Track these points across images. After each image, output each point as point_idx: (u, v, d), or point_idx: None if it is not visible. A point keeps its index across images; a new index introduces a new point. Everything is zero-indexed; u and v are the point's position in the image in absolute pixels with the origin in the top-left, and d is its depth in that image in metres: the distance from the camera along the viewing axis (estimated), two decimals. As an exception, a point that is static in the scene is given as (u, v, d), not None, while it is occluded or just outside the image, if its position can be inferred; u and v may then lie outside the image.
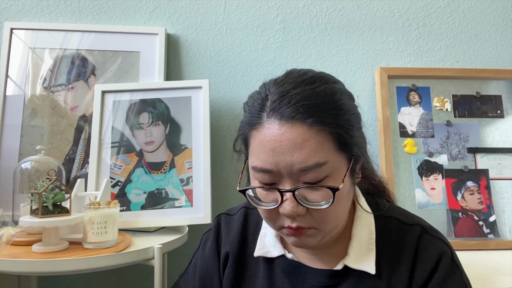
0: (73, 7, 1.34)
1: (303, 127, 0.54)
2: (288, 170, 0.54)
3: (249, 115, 0.59)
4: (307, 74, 0.60)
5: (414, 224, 0.66)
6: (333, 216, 0.58)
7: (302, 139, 0.54)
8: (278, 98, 0.56)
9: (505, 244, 1.19)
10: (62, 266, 0.81)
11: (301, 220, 0.57)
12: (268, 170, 0.55)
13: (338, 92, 0.58)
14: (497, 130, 1.30)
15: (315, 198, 0.56)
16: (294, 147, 0.54)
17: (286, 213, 0.56)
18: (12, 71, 1.25)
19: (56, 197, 0.90)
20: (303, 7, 1.38)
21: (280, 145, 0.54)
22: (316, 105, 0.55)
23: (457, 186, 1.24)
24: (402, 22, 1.39)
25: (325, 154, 0.55)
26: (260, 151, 0.56)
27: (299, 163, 0.54)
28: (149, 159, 1.17)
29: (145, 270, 1.24)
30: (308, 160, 0.54)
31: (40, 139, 1.22)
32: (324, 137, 0.54)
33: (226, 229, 0.76)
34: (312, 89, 0.56)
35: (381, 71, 1.31)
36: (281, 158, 0.54)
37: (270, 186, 0.57)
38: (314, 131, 0.54)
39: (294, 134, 0.54)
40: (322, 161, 0.54)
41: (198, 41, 1.36)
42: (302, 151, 0.53)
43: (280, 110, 0.55)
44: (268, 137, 0.55)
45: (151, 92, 1.21)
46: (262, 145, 0.56)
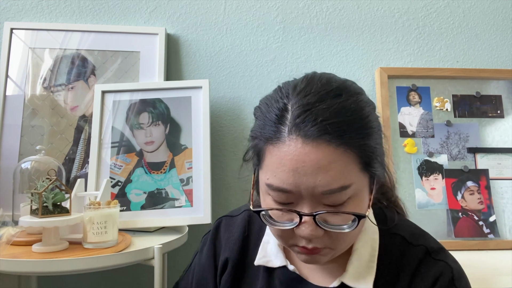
0: (73, 7, 1.34)
1: (329, 148, 0.49)
2: (309, 192, 0.50)
3: (264, 125, 0.54)
4: (331, 83, 0.54)
5: (419, 245, 0.62)
6: (352, 236, 0.55)
7: (327, 161, 0.49)
8: (302, 112, 0.50)
9: (505, 244, 1.19)
10: (62, 266, 0.81)
11: (317, 241, 0.53)
12: (287, 190, 0.51)
13: (366, 106, 0.54)
14: (497, 130, 1.30)
15: (336, 221, 0.52)
16: (318, 169, 0.49)
17: (304, 236, 0.52)
18: (12, 71, 1.25)
19: (56, 197, 0.90)
20: (303, 7, 1.38)
21: (303, 166, 0.49)
22: (345, 124, 0.50)
23: (457, 186, 1.25)
24: (402, 22, 1.39)
25: (350, 176, 0.51)
26: (278, 169, 0.51)
27: (323, 186, 0.49)
28: (149, 159, 1.17)
29: (145, 270, 1.24)
30: (333, 183, 0.50)
31: (40, 139, 1.22)
32: (350, 158, 0.50)
33: (227, 233, 0.73)
34: (340, 103, 0.51)
35: (381, 71, 1.31)
36: (303, 179, 0.50)
37: (287, 208, 0.53)
38: (340, 152, 0.50)
39: (319, 155, 0.49)
40: (347, 184, 0.50)
41: (198, 41, 1.36)
42: (327, 173, 0.49)
43: (304, 127, 0.49)
44: (290, 156, 0.50)
45: (151, 92, 1.21)
46: (282, 163, 0.51)
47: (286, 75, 1.35)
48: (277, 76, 1.34)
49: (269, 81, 1.34)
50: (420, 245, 0.61)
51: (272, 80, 1.34)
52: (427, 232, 0.66)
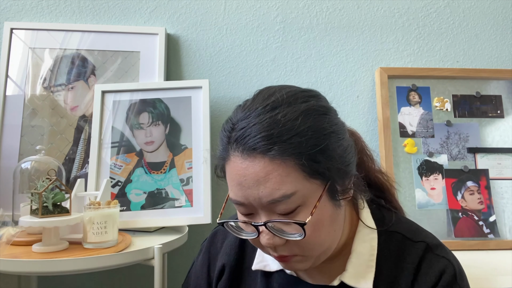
0: (73, 7, 1.34)
1: (264, 160, 0.52)
2: (257, 202, 0.53)
3: (220, 145, 0.58)
4: (272, 97, 0.56)
5: (419, 241, 0.62)
6: (315, 244, 0.55)
7: (264, 173, 0.52)
8: (240, 130, 0.54)
9: (505, 244, 1.19)
10: (62, 266, 0.81)
11: (282, 249, 0.55)
12: (241, 202, 0.55)
13: (303, 115, 0.54)
14: (497, 130, 1.30)
15: (289, 230, 0.54)
16: (257, 181, 0.52)
17: (264, 245, 0.55)
18: (12, 71, 1.25)
19: (56, 197, 0.90)
20: (303, 7, 1.38)
21: (245, 179, 0.53)
22: (276, 136, 0.51)
23: (457, 186, 1.24)
24: (402, 22, 1.39)
25: (292, 184, 0.52)
26: (231, 184, 0.56)
27: (266, 197, 0.52)
28: (149, 159, 1.17)
29: (145, 270, 1.24)
30: (274, 193, 0.52)
31: (40, 139, 1.22)
32: (289, 167, 0.52)
33: (224, 240, 0.74)
34: (272, 117, 0.53)
35: (381, 71, 1.31)
36: (248, 192, 0.53)
37: (246, 219, 0.57)
38: (277, 163, 0.51)
39: (256, 168, 0.52)
40: (289, 192, 0.52)
41: (198, 41, 1.36)
42: (266, 184, 0.52)
43: (242, 143, 0.53)
44: (234, 172, 0.54)
45: (151, 92, 1.21)
46: (231, 178, 0.55)
47: (286, 75, 1.35)
48: (277, 76, 1.34)
49: (269, 81, 1.34)
50: (420, 241, 0.62)
51: (272, 80, 1.34)
52: (424, 228, 0.66)
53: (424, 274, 0.59)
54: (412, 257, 0.60)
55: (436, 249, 0.61)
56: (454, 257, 0.62)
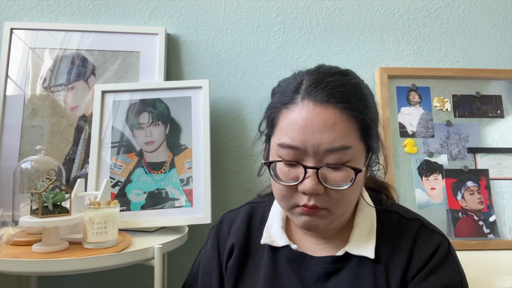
0: (73, 7, 1.34)
1: (335, 111, 0.58)
2: (314, 149, 0.58)
3: (282, 96, 0.63)
4: (339, 68, 0.65)
5: (414, 219, 0.69)
6: (347, 200, 0.61)
7: (333, 121, 0.58)
8: (313, 83, 0.60)
9: (505, 244, 1.19)
10: (62, 266, 0.81)
11: (317, 199, 0.59)
12: (295, 147, 0.59)
13: (366, 87, 0.64)
14: (497, 130, 1.30)
15: (335, 180, 0.59)
16: (324, 127, 0.57)
17: (306, 190, 0.58)
18: (12, 71, 1.25)
19: (56, 197, 0.90)
20: (303, 7, 1.38)
21: (312, 124, 0.58)
22: (349, 93, 0.60)
23: (457, 186, 1.25)
24: (402, 22, 1.39)
25: (351, 139, 0.59)
26: (290, 128, 0.59)
27: (327, 144, 0.57)
28: (149, 159, 1.17)
29: (145, 270, 1.24)
30: (336, 141, 0.57)
31: (40, 139, 1.22)
32: (352, 123, 0.59)
33: (231, 223, 0.78)
34: (346, 79, 0.61)
35: (381, 71, 1.31)
36: (311, 136, 0.58)
37: (291, 162, 0.60)
38: (344, 116, 0.58)
39: (326, 115, 0.58)
40: (348, 144, 0.58)
41: (198, 41, 1.36)
42: (331, 132, 0.57)
43: (315, 93, 0.59)
44: (301, 116, 0.59)
45: (151, 92, 1.21)
46: (294, 123, 0.59)
47: (286, 75, 1.35)
48: (277, 76, 1.34)
49: (269, 81, 1.34)
50: (415, 219, 0.69)
51: (272, 80, 1.34)
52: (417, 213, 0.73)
53: (419, 248, 0.64)
54: (408, 232, 0.66)
55: (429, 225, 0.68)
56: (443, 233, 0.68)
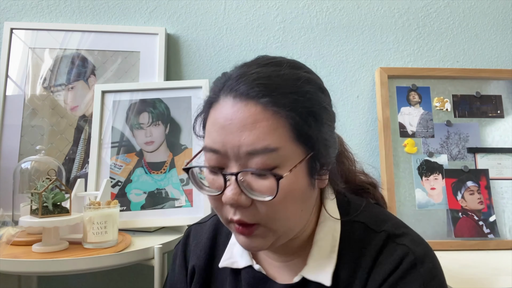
0: (73, 7, 1.34)
1: (257, 107, 0.50)
2: (235, 151, 0.50)
3: (209, 93, 0.56)
4: (277, 59, 0.56)
5: (381, 231, 0.59)
6: (282, 215, 0.52)
7: (253, 119, 0.49)
8: (237, 76, 0.53)
9: (505, 244, 1.19)
10: (62, 266, 0.81)
11: (243, 213, 0.52)
12: (216, 150, 0.52)
13: (304, 79, 0.54)
14: (497, 130, 1.30)
15: (260, 189, 0.50)
16: (243, 126, 0.49)
17: (227, 200, 0.51)
18: (12, 71, 1.25)
19: (56, 197, 0.90)
20: (303, 7, 1.38)
21: (230, 123, 0.50)
22: (274, 86, 0.51)
23: (457, 186, 1.24)
24: (402, 22, 1.39)
25: (278, 140, 0.50)
26: (211, 130, 0.53)
27: (247, 145, 0.49)
28: (149, 159, 1.17)
29: (145, 270, 1.24)
30: (257, 143, 0.49)
31: (40, 139, 1.22)
32: (279, 122, 0.50)
33: (195, 240, 0.71)
34: (274, 71, 0.53)
35: (381, 71, 1.31)
36: (230, 137, 0.50)
37: (214, 169, 0.53)
38: (269, 113, 0.50)
39: (246, 113, 0.50)
40: (272, 146, 0.49)
41: (198, 41, 1.36)
42: (251, 132, 0.49)
43: (236, 87, 0.51)
44: (221, 114, 0.52)
45: (151, 92, 1.21)
46: (214, 123, 0.52)
47: (286, 75, 1.35)
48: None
49: (269, 81, 1.34)
50: (382, 231, 0.59)
51: (272, 80, 1.34)
52: (394, 217, 0.63)
53: (381, 263, 0.56)
54: (372, 247, 0.58)
55: (397, 238, 0.58)
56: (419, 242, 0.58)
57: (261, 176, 0.50)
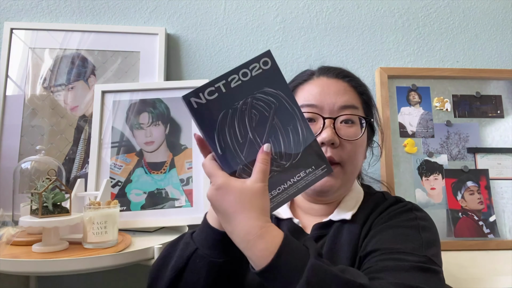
0: (73, 7, 1.34)
1: (344, 83, 0.78)
2: (330, 107, 0.74)
3: (298, 78, 0.82)
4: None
5: (392, 197, 0.79)
6: (355, 156, 0.75)
7: (344, 90, 0.77)
8: (323, 68, 0.81)
9: (505, 244, 1.19)
10: (62, 266, 0.81)
11: (333, 152, 0.72)
12: (314, 104, 0.74)
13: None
14: (497, 130, 1.30)
15: (348, 134, 0.74)
16: (337, 92, 0.76)
17: (325, 138, 0.71)
18: (12, 71, 1.25)
19: (56, 197, 0.90)
20: (303, 7, 1.38)
21: (328, 88, 0.76)
22: (351, 75, 0.80)
23: (457, 186, 1.25)
24: (402, 22, 1.39)
25: (357, 103, 0.77)
26: (309, 93, 0.76)
27: (341, 102, 0.74)
28: (149, 159, 1.17)
29: (145, 270, 1.23)
30: (347, 101, 0.75)
31: (40, 139, 1.22)
32: (356, 94, 0.78)
33: None
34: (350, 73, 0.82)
35: (381, 71, 1.31)
36: (327, 97, 0.75)
37: (315, 113, 0.74)
38: (350, 88, 0.78)
39: (339, 85, 0.77)
40: (355, 105, 0.76)
41: (198, 41, 1.36)
42: (343, 96, 0.75)
43: (327, 72, 0.80)
44: (319, 84, 0.77)
45: (151, 92, 1.21)
46: (312, 90, 0.77)
47: (286, 75, 1.34)
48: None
49: (269, 81, 1.34)
50: (393, 197, 0.79)
51: (272, 80, 1.34)
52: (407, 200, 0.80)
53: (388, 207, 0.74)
54: (384, 205, 0.76)
55: (403, 200, 0.78)
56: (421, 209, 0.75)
57: (349, 125, 0.75)
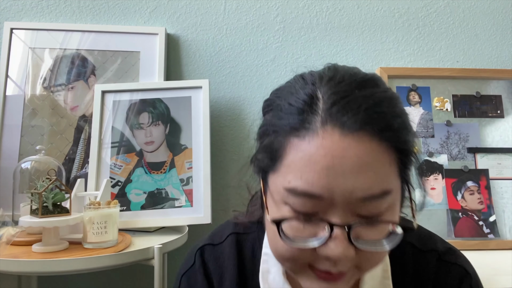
0: (73, 7, 1.34)
1: (373, 142, 0.41)
2: (345, 197, 0.40)
3: (284, 115, 0.44)
4: (360, 72, 0.47)
5: (429, 250, 0.56)
6: (380, 259, 0.45)
7: (371, 158, 0.40)
8: (338, 99, 0.42)
9: (505, 244, 1.19)
10: (62, 266, 0.81)
11: (345, 264, 0.42)
12: (317, 195, 0.41)
13: (399, 98, 0.46)
14: (497, 130, 1.30)
15: (371, 237, 0.42)
16: (359, 167, 0.40)
17: (334, 256, 0.41)
18: (12, 71, 1.25)
19: (56, 197, 0.90)
20: (303, 7, 1.38)
21: (341, 163, 0.40)
22: (389, 115, 0.42)
23: (457, 186, 1.24)
24: (402, 22, 1.39)
25: (392, 179, 0.43)
26: (306, 168, 0.41)
27: (363, 190, 0.40)
28: (149, 159, 1.17)
29: (145, 270, 1.24)
30: (375, 186, 0.41)
31: (40, 139, 1.22)
32: (392, 157, 0.42)
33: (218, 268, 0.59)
34: (381, 92, 0.43)
35: (381, 71, 1.31)
36: (340, 181, 0.40)
37: (314, 217, 0.42)
38: (383, 148, 0.41)
39: (361, 150, 0.40)
40: (389, 188, 0.42)
41: (198, 41, 1.36)
42: (369, 173, 0.40)
43: (342, 116, 0.41)
44: (324, 151, 0.40)
45: (151, 92, 1.21)
46: (312, 160, 0.41)
47: (286, 75, 1.35)
48: (277, 76, 1.34)
49: (269, 81, 1.34)
50: (431, 250, 0.56)
51: (272, 80, 1.34)
52: (430, 231, 0.61)
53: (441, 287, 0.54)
54: (426, 268, 0.55)
55: (447, 256, 0.56)
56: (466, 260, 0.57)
57: (373, 224, 0.42)
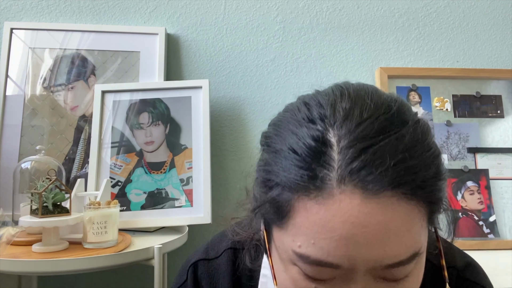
0: (73, 7, 1.34)
1: (401, 204, 0.34)
2: (368, 267, 0.35)
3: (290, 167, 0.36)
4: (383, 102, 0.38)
5: (448, 267, 0.51)
6: None
7: (400, 223, 0.34)
8: (360, 151, 0.34)
9: (505, 244, 1.19)
10: (62, 266, 0.81)
11: None
12: (334, 265, 0.35)
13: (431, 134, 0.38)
14: (497, 130, 1.30)
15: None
16: (385, 235, 0.33)
17: None
18: (12, 71, 1.25)
19: (56, 197, 0.90)
20: (303, 7, 1.38)
21: (364, 232, 0.33)
22: (423, 165, 0.35)
23: (457, 186, 1.24)
24: (402, 22, 1.39)
25: (422, 236, 0.37)
26: (321, 235, 0.34)
27: (391, 258, 0.34)
28: (149, 159, 1.17)
29: (145, 270, 1.24)
30: (403, 253, 0.35)
31: (40, 139, 1.22)
32: (421, 214, 0.36)
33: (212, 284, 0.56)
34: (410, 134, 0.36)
35: (381, 71, 1.31)
36: (362, 251, 0.34)
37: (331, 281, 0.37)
38: (413, 206, 0.35)
39: (388, 216, 0.33)
40: (418, 249, 0.36)
41: (198, 41, 1.36)
42: (398, 240, 0.34)
43: (365, 176, 0.33)
44: (342, 218, 0.33)
45: (151, 92, 1.21)
46: (327, 227, 0.34)
47: (286, 75, 1.35)
48: (277, 76, 1.34)
49: (269, 81, 1.34)
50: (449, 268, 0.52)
51: (272, 80, 1.34)
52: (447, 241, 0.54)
53: None
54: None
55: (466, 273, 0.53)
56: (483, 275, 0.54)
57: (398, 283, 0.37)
